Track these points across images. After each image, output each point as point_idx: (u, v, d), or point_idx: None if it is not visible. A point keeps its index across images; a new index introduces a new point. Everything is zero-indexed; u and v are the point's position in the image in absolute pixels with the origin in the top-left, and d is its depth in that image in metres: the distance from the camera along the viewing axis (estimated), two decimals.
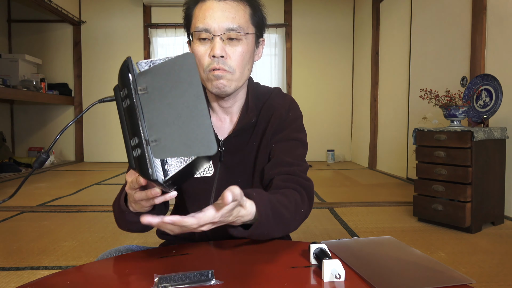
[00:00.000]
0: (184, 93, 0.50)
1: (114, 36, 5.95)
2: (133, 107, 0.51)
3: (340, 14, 6.05)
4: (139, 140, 0.51)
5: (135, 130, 0.51)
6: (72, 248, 2.09)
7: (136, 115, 0.51)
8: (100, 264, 0.66)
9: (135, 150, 0.51)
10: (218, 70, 0.79)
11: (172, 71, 0.51)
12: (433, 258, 0.67)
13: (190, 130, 0.50)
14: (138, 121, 0.51)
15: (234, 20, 0.80)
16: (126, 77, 0.52)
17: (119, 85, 0.53)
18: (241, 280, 0.58)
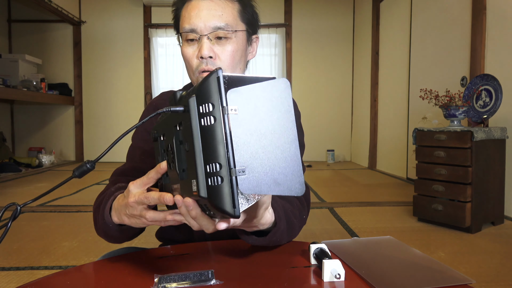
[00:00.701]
0: (277, 122, 0.46)
1: (114, 36, 5.95)
2: (217, 127, 0.44)
3: (340, 14, 6.05)
4: (221, 167, 0.44)
5: (217, 155, 0.44)
6: (72, 248, 2.09)
7: (221, 137, 0.44)
8: (100, 264, 0.66)
9: (212, 177, 0.44)
10: (207, 71, 0.77)
11: (265, 96, 0.46)
12: (433, 258, 0.67)
13: (281, 165, 0.45)
14: (223, 145, 0.44)
15: (221, 18, 0.76)
16: (215, 91, 0.45)
17: (199, 98, 0.45)
18: (241, 280, 0.58)
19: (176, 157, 0.51)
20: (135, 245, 2.21)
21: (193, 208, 0.49)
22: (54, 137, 6.03)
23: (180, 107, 0.48)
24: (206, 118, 0.44)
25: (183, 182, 0.50)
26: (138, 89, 5.99)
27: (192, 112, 0.45)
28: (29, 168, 5.17)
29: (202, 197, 0.45)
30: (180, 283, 0.56)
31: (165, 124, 0.55)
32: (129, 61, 5.96)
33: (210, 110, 0.44)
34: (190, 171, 0.47)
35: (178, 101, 0.52)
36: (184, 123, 0.48)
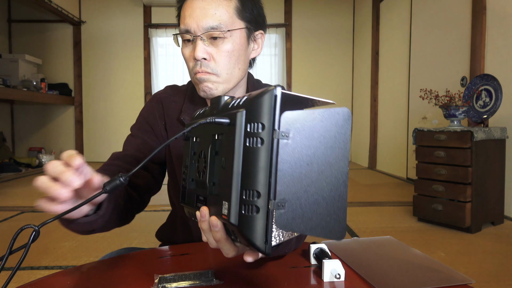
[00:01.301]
0: (330, 156, 0.41)
1: (114, 36, 5.95)
2: (263, 151, 0.39)
3: (340, 14, 6.05)
4: (259, 197, 0.39)
5: (256, 182, 0.39)
6: (72, 248, 2.08)
7: (265, 163, 0.39)
8: (100, 264, 0.66)
9: (247, 205, 0.40)
10: (201, 73, 0.75)
11: (322, 125, 0.41)
12: (433, 258, 0.67)
13: (326, 205, 0.41)
14: (266, 172, 0.39)
15: (214, 17, 0.73)
16: (268, 110, 0.40)
17: (249, 114, 0.41)
18: (241, 280, 0.58)
19: (209, 168, 0.46)
20: (135, 245, 2.22)
21: (219, 230, 0.45)
22: (54, 137, 6.03)
23: (225, 119, 0.43)
24: (252, 138, 0.40)
25: (212, 197, 0.46)
26: (138, 89, 5.99)
27: (238, 129, 0.41)
28: (29, 168, 5.17)
29: (232, 223, 0.41)
30: (180, 283, 0.56)
31: (202, 127, 0.51)
32: (129, 61, 5.96)
33: (259, 131, 0.40)
34: (222, 190, 0.43)
35: (222, 109, 0.48)
36: (226, 137, 0.43)
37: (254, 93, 0.42)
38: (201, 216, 0.46)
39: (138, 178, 0.81)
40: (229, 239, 0.47)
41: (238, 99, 0.45)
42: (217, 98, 0.49)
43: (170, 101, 0.88)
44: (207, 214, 0.46)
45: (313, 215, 0.40)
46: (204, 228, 0.48)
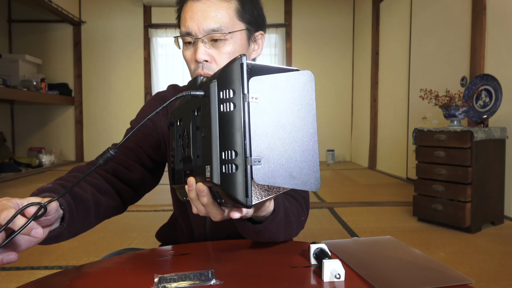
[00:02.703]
0: (297, 114, 0.45)
1: (114, 36, 5.95)
2: (236, 114, 0.43)
3: (340, 14, 6.05)
4: (237, 155, 0.43)
5: (233, 142, 0.43)
6: (72, 248, 2.09)
7: (239, 125, 0.43)
8: (100, 264, 0.66)
9: (227, 164, 0.43)
10: (203, 75, 0.74)
11: (288, 86, 0.45)
12: (433, 258, 0.67)
13: (298, 158, 0.44)
14: (241, 133, 0.43)
15: (215, 20, 0.73)
16: (237, 77, 0.43)
17: (220, 83, 0.44)
18: (241, 280, 0.58)
19: (192, 143, 0.50)
20: (135, 245, 2.22)
21: (205, 195, 0.48)
22: (54, 137, 6.03)
23: (200, 92, 0.46)
24: (226, 104, 0.43)
25: (197, 168, 0.49)
26: (138, 89, 5.99)
27: (212, 97, 0.44)
28: (29, 168, 5.17)
29: (215, 183, 0.44)
30: (180, 283, 0.56)
31: (182, 109, 0.55)
32: (129, 61, 5.96)
33: (231, 97, 0.43)
34: (205, 157, 0.46)
35: (199, 86, 0.51)
36: (203, 108, 0.47)
37: (225, 67, 0.45)
38: (188, 186, 0.49)
39: (131, 172, 0.81)
40: (215, 202, 0.50)
41: (211, 75, 0.48)
42: (194, 79, 0.53)
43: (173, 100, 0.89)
44: (194, 183, 0.49)
45: (288, 169, 0.44)
46: (193, 197, 0.50)
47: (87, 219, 0.67)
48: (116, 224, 2.56)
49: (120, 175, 0.80)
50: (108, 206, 0.74)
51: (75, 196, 0.65)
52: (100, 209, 0.72)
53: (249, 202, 0.43)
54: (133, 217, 2.75)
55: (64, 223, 0.60)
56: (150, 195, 3.31)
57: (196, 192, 0.49)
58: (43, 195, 0.61)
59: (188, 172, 0.52)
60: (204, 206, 0.50)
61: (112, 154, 0.49)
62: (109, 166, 0.80)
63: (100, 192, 0.73)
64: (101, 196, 0.73)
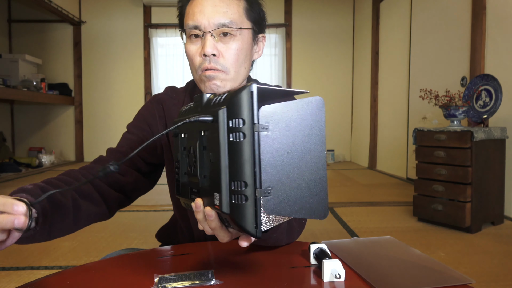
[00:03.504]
0: (308, 143, 0.44)
1: (114, 36, 5.95)
2: (246, 145, 0.42)
3: (340, 14, 6.05)
4: (246, 186, 0.42)
5: (243, 173, 0.42)
6: (72, 248, 2.09)
7: (248, 156, 0.42)
8: (100, 264, 0.66)
9: (236, 196, 0.43)
10: (210, 70, 0.75)
11: (298, 115, 0.44)
12: (433, 258, 0.67)
13: (307, 187, 0.44)
14: (250, 164, 0.42)
15: (226, 15, 0.74)
16: (247, 106, 0.43)
17: (229, 111, 0.43)
18: (241, 280, 0.58)
19: (199, 163, 0.49)
20: (135, 245, 2.22)
21: (214, 219, 0.49)
22: (54, 137, 6.03)
23: (208, 117, 0.45)
24: (235, 134, 0.43)
25: (204, 189, 0.49)
26: (138, 89, 5.99)
27: (221, 126, 0.43)
28: (29, 168, 5.17)
29: (224, 212, 0.44)
30: (180, 283, 0.56)
31: (190, 124, 0.53)
32: (129, 61, 5.96)
33: (240, 126, 0.42)
34: (213, 182, 0.46)
35: (205, 106, 0.50)
36: (211, 133, 0.46)
37: (233, 90, 0.45)
38: (196, 207, 0.50)
39: (123, 176, 0.80)
40: (223, 226, 0.51)
41: (219, 96, 0.48)
42: (199, 96, 0.52)
43: (171, 103, 0.88)
44: (202, 205, 0.49)
45: (297, 199, 0.44)
46: (200, 218, 0.51)
47: (64, 223, 0.66)
48: (116, 224, 2.56)
49: (111, 180, 0.78)
50: (90, 212, 0.72)
51: (52, 201, 0.63)
52: (80, 215, 0.69)
53: (258, 234, 0.43)
54: (133, 217, 2.75)
55: (37, 226, 0.59)
56: (150, 195, 3.31)
57: (204, 214, 0.50)
58: (19, 194, 0.59)
59: (194, 190, 0.52)
60: (212, 229, 0.51)
61: (112, 170, 0.48)
62: None
63: (82, 196, 0.71)
64: (83, 201, 0.71)
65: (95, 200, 0.74)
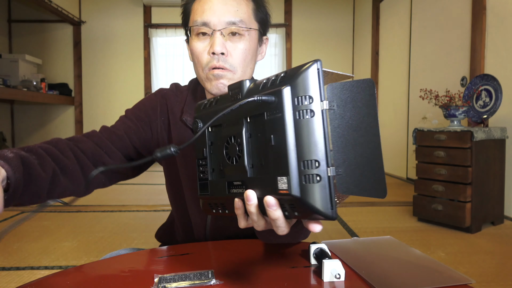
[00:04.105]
0: (365, 121, 0.43)
1: (114, 36, 5.95)
2: (315, 122, 0.41)
3: (340, 14, 6.05)
4: (318, 165, 0.40)
5: (314, 152, 0.40)
6: (72, 248, 2.09)
7: (319, 133, 0.41)
8: (100, 264, 0.66)
9: (308, 175, 0.40)
10: (218, 68, 0.74)
11: (355, 94, 0.44)
12: (433, 258, 0.67)
13: (369, 165, 0.43)
14: (322, 141, 0.41)
15: (237, 14, 0.73)
16: (314, 83, 0.41)
17: (294, 89, 0.42)
18: (241, 280, 0.58)
19: (246, 151, 0.46)
20: (135, 245, 2.22)
21: (277, 208, 0.44)
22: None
23: (270, 97, 0.43)
24: (302, 111, 0.41)
25: (256, 178, 0.46)
26: (138, 89, 5.99)
27: (286, 104, 0.41)
28: None
29: (294, 196, 0.41)
30: (180, 283, 0.56)
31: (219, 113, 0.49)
32: (129, 61, 5.96)
33: (308, 103, 0.41)
34: (275, 166, 0.43)
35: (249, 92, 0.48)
36: (271, 115, 0.43)
37: (292, 70, 0.43)
38: (248, 199, 0.45)
39: (110, 158, 0.78)
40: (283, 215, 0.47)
41: (271, 79, 0.46)
42: (238, 83, 0.49)
43: (175, 100, 0.86)
44: (255, 197, 0.45)
45: (362, 177, 0.43)
46: (253, 211, 0.47)
47: (34, 197, 0.64)
48: (116, 224, 2.56)
49: (98, 158, 0.76)
50: (66, 189, 0.70)
51: (29, 172, 0.60)
52: (56, 190, 0.67)
53: (334, 214, 0.41)
54: (133, 217, 2.75)
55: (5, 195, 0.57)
56: (150, 195, 3.30)
57: (256, 207, 0.46)
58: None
59: (237, 183, 0.48)
60: (274, 220, 0.45)
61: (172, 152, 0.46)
62: (89, 146, 0.76)
63: (63, 172, 0.69)
64: (63, 177, 0.68)
65: (75, 177, 0.71)
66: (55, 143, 0.72)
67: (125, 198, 3.40)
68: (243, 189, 0.47)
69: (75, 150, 0.74)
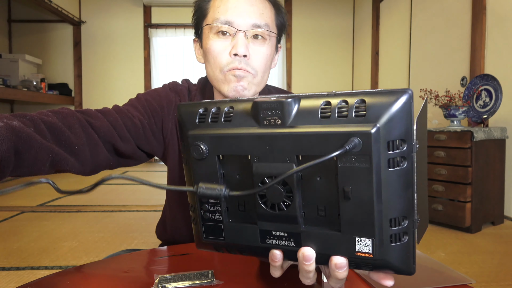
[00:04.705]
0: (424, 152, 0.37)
1: (114, 36, 5.95)
2: (408, 172, 0.34)
3: (340, 14, 6.05)
4: (406, 221, 0.34)
5: (405, 207, 0.34)
6: (72, 248, 2.08)
7: (409, 184, 0.34)
8: (100, 264, 0.66)
9: (395, 236, 0.34)
10: (240, 69, 0.70)
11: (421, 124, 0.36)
12: (433, 258, 0.67)
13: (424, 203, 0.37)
14: (412, 193, 0.34)
15: (262, 17, 0.70)
16: (409, 123, 0.33)
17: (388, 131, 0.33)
18: (241, 280, 0.58)
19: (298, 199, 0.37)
20: (135, 245, 2.22)
21: (346, 269, 0.37)
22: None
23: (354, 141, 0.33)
24: (393, 160, 0.33)
25: (315, 234, 0.38)
26: (138, 89, 5.99)
27: (377, 152, 0.32)
28: None
29: (378, 259, 0.35)
30: (180, 283, 0.56)
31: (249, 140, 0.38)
32: (129, 61, 5.96)
33: (402, 149, 0.33)
34: (349, 223, 0.35)
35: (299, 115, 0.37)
36: (348, 162, 0.34)
37: (373, 96, 0.34)
38: (306, 260, 0.38)
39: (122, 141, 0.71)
40: None
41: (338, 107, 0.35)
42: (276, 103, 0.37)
43: (187, 99, 0.83)
44: (313, 256, 0.38)
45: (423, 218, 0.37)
46: (310, 269, 0.39)
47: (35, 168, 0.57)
48: (116, 224, 2.56)
49: (109, 140, 0.69)
50: (73, 167, 0.63)
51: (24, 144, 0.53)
52: (55, 169, 0.61)
53: (414, 270, 0.36)
54: (133, 217, 2.75)
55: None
56: (150, 195, 3.30)
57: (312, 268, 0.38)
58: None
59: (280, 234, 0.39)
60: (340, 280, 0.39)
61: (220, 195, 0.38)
62: (103, 124, 0.68)
63: (72, 152, 0.62)
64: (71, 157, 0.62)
65: (83, 157, 0.65)
66: (63, 117, 0.64)
67: (125, 198, 3.40)
68: (290, 242, 0.39)
69: (86, 127, 0.66)
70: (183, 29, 5.83)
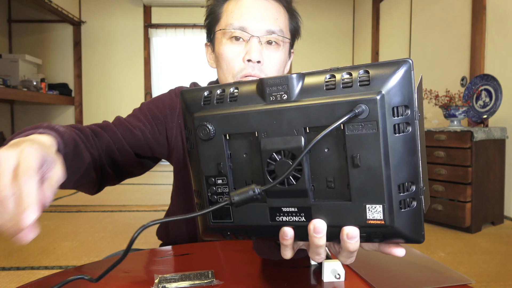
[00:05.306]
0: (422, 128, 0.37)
1: (114, 36, 5.95)
2: (412, 137, 0.35)
3: (340, 14, 6.05)
4: (414, 187, 0.35)
5: (411, 172, 0.35)
6: (72, 248, 2.09)
7: (414, 149, 0.35)
8: (100, 264, 0.66)
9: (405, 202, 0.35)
10: (253, 76, 0.69)
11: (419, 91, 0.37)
12: (433, 258, 0.67)
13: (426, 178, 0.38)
14: (418, 158, 0.35)
15: (276, 22, 0.69)
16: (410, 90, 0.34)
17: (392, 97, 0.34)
18: (241, 280, 0.58)
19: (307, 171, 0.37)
20: (135, 245, 2.22)
21: (358, 239, 0.37)
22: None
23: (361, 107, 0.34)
24: (399, 125, 0.34)
25: (326, 205, 0.38)
26: (138, 89, 5.99)
27: (383, 117, 0.34)
28: None
29: (390, 226, 0.35)
30: (180, 283, 0.56)
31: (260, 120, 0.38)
32: (129, 61, 5.96)
33: (406, 115, 0.34)
34: (359, 191, 0.36)
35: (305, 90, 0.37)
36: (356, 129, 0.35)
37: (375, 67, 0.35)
38: (317, 232, 0.37)
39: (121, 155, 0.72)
40: None
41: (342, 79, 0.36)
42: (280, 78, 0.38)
43: None
44: (325, 228, 0.38)
45: (426, 189, 0.38)
46: (321, 243, 0.38)
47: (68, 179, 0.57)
48: (116, 224, 2.56)
49: (109, 154, 0.71)
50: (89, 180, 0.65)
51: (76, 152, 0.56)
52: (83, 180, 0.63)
53: (423, 238, 0.37)
54: (133, 217, 2.75)
55: None
56: (150, 195, 3.29)
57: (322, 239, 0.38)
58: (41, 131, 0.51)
59: (290, 209, 0.39)
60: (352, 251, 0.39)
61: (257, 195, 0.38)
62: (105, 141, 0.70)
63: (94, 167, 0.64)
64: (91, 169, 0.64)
65: (93, 181, 0.67)
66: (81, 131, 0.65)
67: (125, 198, 3.40)
68: (301, 217, 0.39)
69: (95, 143, 0.68)
70: (183, 29, 5.83)
